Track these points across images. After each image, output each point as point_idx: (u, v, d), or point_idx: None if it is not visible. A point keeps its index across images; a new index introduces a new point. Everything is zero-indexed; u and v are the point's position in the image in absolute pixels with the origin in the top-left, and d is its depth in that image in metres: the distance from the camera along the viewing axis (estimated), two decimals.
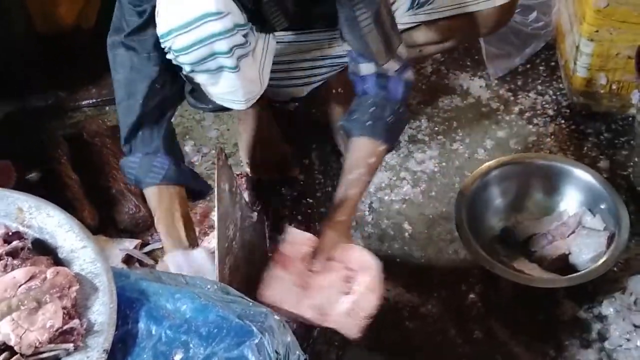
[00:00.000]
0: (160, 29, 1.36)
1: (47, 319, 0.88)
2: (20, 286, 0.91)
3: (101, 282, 0.93)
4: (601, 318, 1.63)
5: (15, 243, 0.95)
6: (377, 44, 1.51)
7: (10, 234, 0.97)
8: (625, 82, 1.94)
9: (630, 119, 2.01)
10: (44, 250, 0.98)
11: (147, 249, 1.84)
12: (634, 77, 1.88)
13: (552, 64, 2.20)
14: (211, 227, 1.87)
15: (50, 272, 0.91)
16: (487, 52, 2.16)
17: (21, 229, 0.99)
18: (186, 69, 1.41)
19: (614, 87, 1.96)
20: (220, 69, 1.38)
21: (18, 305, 0.88)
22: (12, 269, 0.93)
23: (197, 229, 1.86)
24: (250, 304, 1.00)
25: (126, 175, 1.57)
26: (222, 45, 1.33)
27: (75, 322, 0.89)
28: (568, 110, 2.07)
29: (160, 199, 1.52)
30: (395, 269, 1.73)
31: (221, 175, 1.32)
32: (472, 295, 1.70)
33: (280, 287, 1.32)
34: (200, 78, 1.43)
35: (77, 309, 0.91)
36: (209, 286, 1.02)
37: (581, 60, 1.93)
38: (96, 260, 0.95)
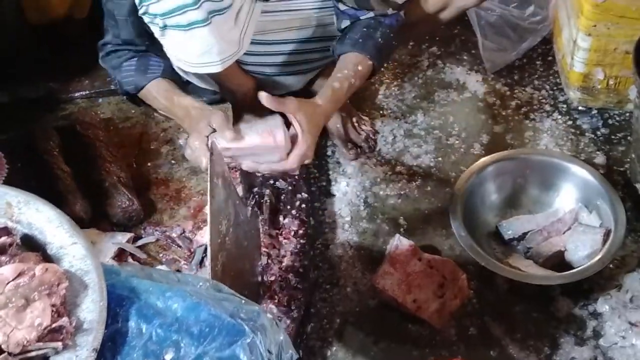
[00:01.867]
0: None
1: (35, 317, 0.86)
2: (8, 283, 0.89)
3: (91, 280, 0.91)
4: (596, 315, 1.62)
5: (3, 239, 0.93)
6: None
7: None
8: (622, 78, 1.92)
9: (627, 114, 2.00)
10: (32, 246, 0.96)
11: (140, 242, 1.83)
12: (631, 73, 1.86)
13: (549, 58, 2.19)
14: (205, 221, 1.85)
15: (39, 269, 0.90)
16: (483, 46, 2.14)
17: (9, 224, 0.97)
18: (159, 24, 1.41)
19: (611, 82, 1.94)
20: (190, 25, 1.38)
21: (6, 302, 0.86)
22: (0, 266, 0.91)
23: (190, 223, 1.85)
24: (243, 301, 0.98)
25: (124, 82, 1.66)
26: None
27: (64, 320, 0.87)
28: (565, 106, 2.06)
29: (169, 87, 1.63)
30: None
31: (214, 168, 1.30)
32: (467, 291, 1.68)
33: (391, 280, 1.64)
34: (174, 37, 1.43)
35: (66, 307, 0.89)
36: (200, 283, 1.00)
37: (578, 54, 1.91)
38: (86, 257, 0.93)
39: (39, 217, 0.97)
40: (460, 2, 1.80)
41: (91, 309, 0.89)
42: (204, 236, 1.82)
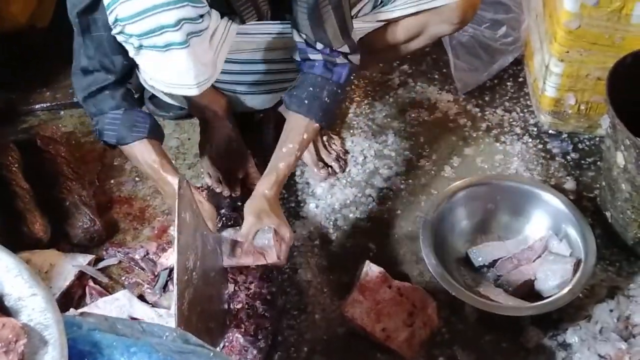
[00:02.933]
0: None
1: None
2: None
3: (51, 335, 0.86)
4: (565, 346, 1.61)
5: None
6: (334, 29, 1.58)
7: None
8: (593, 103, 1.92)
9: (597, 139, 2.00)
10: None
11: (101, 265, 1.78)
12: (602, 99, 1.86)
13: (520, 79, 2.18)
14: (169, 242, 1.81)
15: None
16: (455, 66, 2.12)
17: None
18: (135, 44, 1.36)
19: (582, 107, 1.94)
20: (168, 46, 1.34)
21: None
22: None
23: (154, 244, 1.81)
24: (211, 354, 0.94)
25: (104, 133, 1.63)
26: (168, 16, 1.30)
27: None
28: (535, 129, 2.05)
29: (156, 150, 1.62)
30: None
31: (182, 204, 1.25)
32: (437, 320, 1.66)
33: (360, 309, 1.62)
34: (149, 58, 1.38)
35: None
36: (167, 334, 0.96)
37: (550, 79, 1.90)
38: (46, 310, 0.87)
39: None
40: (434, 31, 1.78)
41: None
42: (168, 258, 1.77)
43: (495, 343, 1.63)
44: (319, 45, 1.60)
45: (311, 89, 1.63)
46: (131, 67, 1.59)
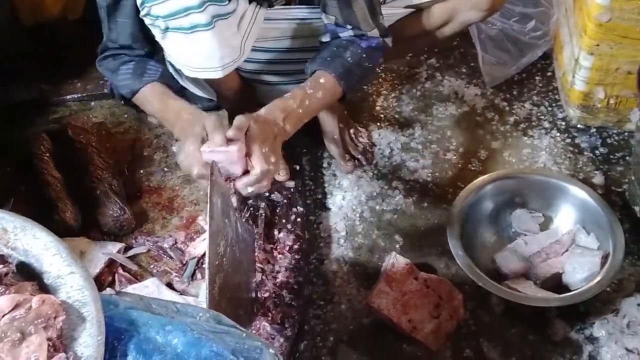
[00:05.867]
0: None
1: (31, 352, 0.83)
2: (4, 316, 0.85)
3: (89, 312, 0.88)
4: (592, 340, 1.60)
5: None
6: (363, 10, 1.57)
7: None
8: (623, 98, 1.91)
9: (626, 134, 1.99)
10: (28, 274, 0.92)
11: (131, 252, 1.80)
12: (632, 93, 1.86)
13: (549, 74, 2.17)
14: (198, 232, 1.83)
15: (35, 301, 0.86)
16: (483, 60, 2.12)
17: (5, 250, 0.93)
18: (161, 26, 1.40)
19: (611, 101, 1.93)
20: (193, 28, 1.37)
21: (1, 336, 0.83)
22: None
23: (182, 233, 1.82)
24: (244, 335, 0.95)
25: (119, 85, 1.62)
26: None
27: (60, 356, 0.84)
28: (563, 123, 2.04)
29: (165, 90, 1.58)
30: None
31: (214, 189, 1.27)
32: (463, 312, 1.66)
33: (386, 300, 1.61)
34: (175, 40, 1.42)
35: (63, 341, 0.86)
36: (200, 314, 0.97)
37: (580, 73, 1.89)
38: (84, 287, 0.89)
39: (36, 244, 0.93)
40: (463, 17, 1.77)
41: (89, 344, 0.86)
42: (196, 248, 1.79)
43: (522, 336, 1.63)
44: (349, 27, 1.61)
45: (335, 48, 1.59)
46: (153, 52, 1.63)
